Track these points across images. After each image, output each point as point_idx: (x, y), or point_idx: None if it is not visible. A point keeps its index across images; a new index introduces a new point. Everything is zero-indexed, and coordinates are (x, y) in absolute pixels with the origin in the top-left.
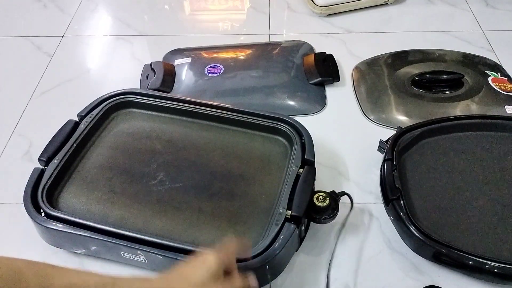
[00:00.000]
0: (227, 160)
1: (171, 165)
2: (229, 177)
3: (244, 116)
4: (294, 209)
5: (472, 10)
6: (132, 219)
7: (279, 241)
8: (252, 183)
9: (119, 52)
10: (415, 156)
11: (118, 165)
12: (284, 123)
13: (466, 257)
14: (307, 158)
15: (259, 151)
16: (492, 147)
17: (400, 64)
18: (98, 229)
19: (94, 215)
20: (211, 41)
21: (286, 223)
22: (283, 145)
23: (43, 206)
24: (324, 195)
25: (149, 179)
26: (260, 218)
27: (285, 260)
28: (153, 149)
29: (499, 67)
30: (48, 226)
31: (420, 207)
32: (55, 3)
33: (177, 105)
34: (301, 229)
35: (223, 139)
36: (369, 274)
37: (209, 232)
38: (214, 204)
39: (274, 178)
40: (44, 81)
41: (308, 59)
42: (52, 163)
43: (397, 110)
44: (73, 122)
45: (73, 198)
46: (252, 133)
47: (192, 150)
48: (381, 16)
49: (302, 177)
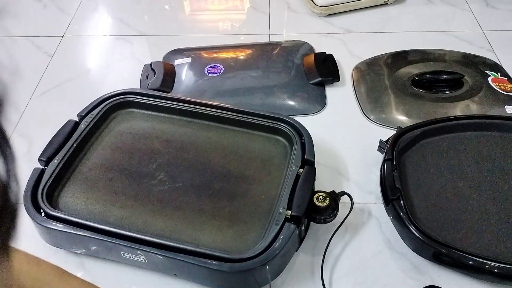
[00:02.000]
0: (227, 160)
1: (171, 165)
2: (229, 177)
3: (244, 116)
4: (294, 209)
5: (472, 10)
6: (132, 219)
7: (279, 241)
8: (252, 183)
9: (119, 52)
10: (415, 156)
11: (118, 165)
12: (284, 123)
13: (466, 257)
14: (307, 158)
15: (259, 151)
16: (492, 147)
17: (400, 64)
18: (98, 229)
19: (94, 215)
20: (211, 41)
21: (286, 223)
22: (283, 145)
23: (43, 206)
24: (324, 195)
25: (149, 179)
26: (260, 218)
27: (285, 260)
28: (153, 149)
29: (499, 67)
30: (48, 226)
31: (420, 207)
32: (55, 3)
33: (177, 105)
34: (301, 229)
35: (223, 139)
36: (369, 274)
37: (209, 232)
38: (214, 204)
39: (274, 178)
40: (44, 81)
41: (308, 59)
42: (52, 163)
43: (397, 110)
44: (73, 122)
45: (73, 198)
46: (252, 133)
47: (192, 150)
48: (381, 16)
49: (302, 177)
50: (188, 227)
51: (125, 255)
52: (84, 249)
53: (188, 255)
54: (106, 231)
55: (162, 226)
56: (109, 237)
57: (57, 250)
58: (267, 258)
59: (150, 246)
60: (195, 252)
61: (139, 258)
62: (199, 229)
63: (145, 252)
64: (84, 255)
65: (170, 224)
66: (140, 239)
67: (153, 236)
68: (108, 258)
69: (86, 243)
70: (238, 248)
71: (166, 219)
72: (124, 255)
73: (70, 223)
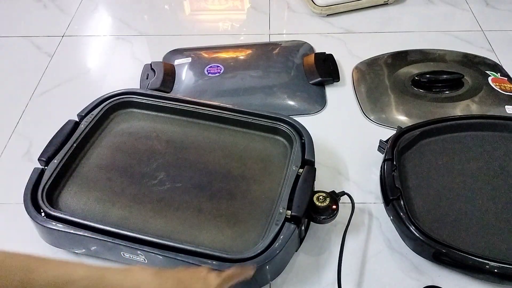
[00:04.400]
0: (227, 160)
1: (171, 165)
2: (229, 177)
3: (244, 116)
4: (294, 209)
5: (472, 10)
6: (132, 219)
7: (279, 241)
8: (252, 183)
9: (119, 52)
10: (415, 156)
11: (118, 165)
12: (284, 123)
13: (466, 257)
14: (307, 158)
15: (259, 151)
16: (492, 147)
17: (400, 64)
18: (98, 229)
19: (94, 215)
20: (211, 41)
21: (286, 223)
22: (283, 145)
23: (43, 206)
24: (324, 195)
25: (149, 179)
26: (260, 218)
27: (285, 260)
28: (153, 149)
29: (499, 67)
30: (48, 226)
31: (420, 207)
32: (55, 3)
33: (177, 105)
34: (301, 229)
35: (223, 139)
36: (369, 274)
37: (209, 232)
38: (214, 204)
39: (274, 178)
40: (44, 81)
41: (308, 59)
42: (52, 163)
43: (397, 110)
44: (73, 122)
45: (73, 198)
46: (252, 133)
47: (192, 150)
48: (381, 16)
49: (302, 177)
50: (188, 227)
51: (125, 255)
52: (84, 249)
53: (188, 255)
54: (106, 231)
55: (162, 226)
56: (109, 237)
57: (57, 250)
58: (267, 258)
59: (150, 246)
60: (195, 252)
61: (139, 258)
62: (199, 229)
63: (145, 252)
64: (84, 255)
65: (170, 224)
66: (140, 239)
67: (153, 236)
68: (108, 258)
69: (86, 243)
70: (238, 248)
71: (166, 219)
72: (124, 255)
73: (70, 223)
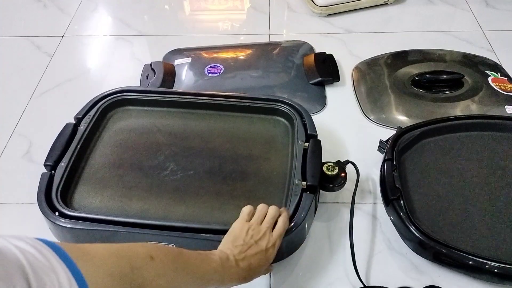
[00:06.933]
0: (232, 144)
1: (179, 155)
2: (238, 158)
3: (242, 101)
4: (309, 179)
5: (472, 10)
6: (153, 210)
7: (302, 209)
8: (261, 162)
9: (119, 52)
10: (415, 156)
11: (125, 161)
12: (283, 104)
13: (466, 257)
14: (310, 133)
15: (262, 132)
16: (492, 147)
17: (400, 64)
18: (123, 222)
19: (113, 211)
20: (211, 41)
21: (304, 193)
22: (283, 124)
23: (60, 209)
24: (333, 165)
25: (160, 171)
26: (277, 193)
27: (307, 229)
28: (157, 142)
29: (499, 67)
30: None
31: (420, 207)
32: (55, 3)
33: (172, 97)
34: (317, 198)
35: (224, 125)
36: (369, 274)
37: (231, 212)
38: (229, 185)
39: (281, 155)
40: (44, 81)
41: (308, 59)
42: (60, 167)
43: (397, 110)
44: (72, 125)
45: (86, 198)
46: (251, 116)
47: (195, 138)
48: (381, 16)
49: (310, 149)
50: (210, 210)
51: None
52: None
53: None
54: (131, 223)
55: (183, 212)
56: (136, 228)
57: None
58: (295, 226)
59: (178, 231)
60: (225, 231)
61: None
62: (221, 210)
63: (174, 238)
64: None
65: (191, 210)
66: (167, 226)
67: (180, 221)
68: None
69: (111, 238)
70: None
71: (187, 206)
72: None
73: (93, 221)
